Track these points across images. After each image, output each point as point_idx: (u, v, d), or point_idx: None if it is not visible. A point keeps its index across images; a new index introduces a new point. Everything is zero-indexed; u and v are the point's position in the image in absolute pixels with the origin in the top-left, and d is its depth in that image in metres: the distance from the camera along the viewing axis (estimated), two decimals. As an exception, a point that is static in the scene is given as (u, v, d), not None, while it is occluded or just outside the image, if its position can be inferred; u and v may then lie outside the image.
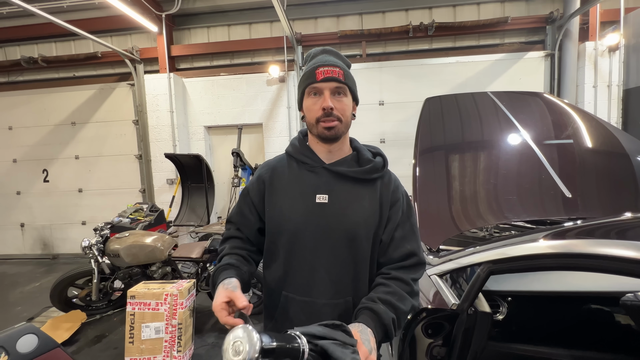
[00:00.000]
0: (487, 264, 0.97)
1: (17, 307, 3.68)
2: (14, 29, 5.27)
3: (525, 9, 4.76)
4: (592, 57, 4.38)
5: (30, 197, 5.62)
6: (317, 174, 0.92)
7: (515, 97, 2.69)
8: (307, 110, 0.91)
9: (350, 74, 0.93)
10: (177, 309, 2.37)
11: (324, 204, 0.89)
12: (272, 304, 0.94)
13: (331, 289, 0.88)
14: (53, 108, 5.39)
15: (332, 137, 0.89)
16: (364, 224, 0.89)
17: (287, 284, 0.91)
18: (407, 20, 4.84)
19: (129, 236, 2.98)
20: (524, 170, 1.98)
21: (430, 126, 2.43)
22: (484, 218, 1.73)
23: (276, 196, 0.94)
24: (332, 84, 0.87)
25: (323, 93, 0.87)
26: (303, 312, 0.88)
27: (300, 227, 0.89)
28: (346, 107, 0.89)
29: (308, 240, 0.89)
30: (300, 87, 0.94)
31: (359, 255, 0.89)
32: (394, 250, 0.91)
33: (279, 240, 0.92)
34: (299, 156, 0.96)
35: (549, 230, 1.03)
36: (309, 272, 0.89)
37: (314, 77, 0.88)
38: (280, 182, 0.95)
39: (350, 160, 0.95)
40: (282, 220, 0.91)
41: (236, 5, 4.97)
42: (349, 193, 0.91)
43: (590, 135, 2.27)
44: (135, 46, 5.10)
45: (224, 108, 5.13)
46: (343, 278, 0.88)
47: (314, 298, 0.88)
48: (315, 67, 0.89)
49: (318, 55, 0.95)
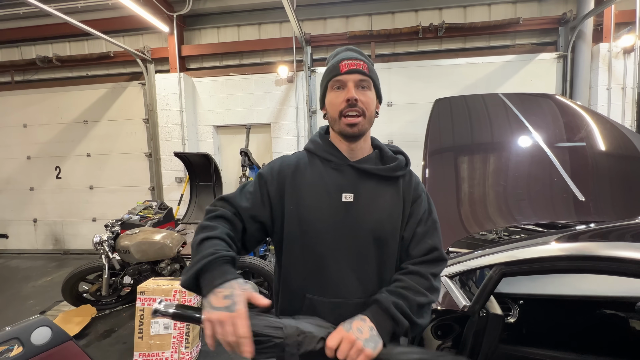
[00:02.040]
0: (500, 265, 0.96)
1: (30, 300, 3.76)
2: (29, 28, 5.40)
3: (537, 9, 4.70)
4: (606, 58, 4.30)
5: (43, 193, 5.74)
6: (342, 172, 0.89)
7: (526, 99, 2.66)
8: (330, 104, 0.88)
9: (375, 70, 0.92)
10: (186, 306, 2.40)
11: (350, 203, 0.86)
12: (292, 308, 0.88)
13: (360, 288, 0.85)
14: (66, 106, 5.51)
15: (354, 135, 0.87)
16: (389, 221, 0.87)
17: (312, 285, 0.86)
18: (417, 21, 4.82)
19: (139, 233, 3.03)
20: (535, 172, 1.96)
21: (439, 127, 2.41)
22: (494, 220, 1.72)
23: (300, 194, 0.88)
24: (356, 76, 0.85)
25: (347, 85, 0.85)
26: (333, 313, 0.83)
27: (327, 226, 0.85)
28: (370, 100, 0.87)
29: (335, 240, 0.85)
30: (322, 83, 0.92)
31: (385, 254, 0.87)
32: (415, 246, 0.89)
33: (303, 240, 0.87)
34: (322, 153, 0.92)
35: (562, 232, 1.01)
36: (337, 272, 0.85)
37: (337, 70, 0.86)
38: (304, 179, 0.90)
39: (374, 158, 0.93)
40: (307, 219, 0.86)
41: (246, 6, 5.01)
42: (374, 191, 0.89)
43: (604, 138, 2.23)
44: (146, 46, 5.18)
45: (233, 108, 5.18)
46: (371, 277, 0.86)
47: (344, 298, 0.85)
48: (339, 60, 0.87)
49: (341, 52, 0.93)
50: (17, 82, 5.75)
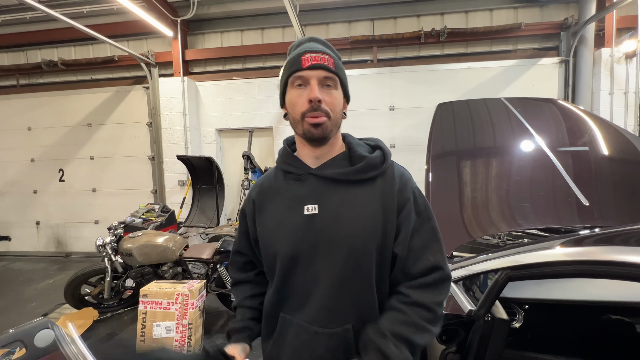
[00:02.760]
0: (505, 270, 0.96)
1: (32, 303, 3.77)
2: (35, 33, 5.46)
3: (539, 15, 4.73)
4: (608, 63, 4.31)
5: (46, 195, 5.77)
6: (303, 181, 0.80)
7: (529, 104, 2.67)
8: (291, 104, 0.77)
9: (342, 66, 0.80)
10: (188, 309, 2.40)
11: (313, 215, 0.76)
12: (268, 327, 0.85)
13: (325, 316, 0.75)
14: (70, 110, 5.55)
15: (319, 137, 0.76)
16: (362, 235, 0.74)
17: (284, 305, 0.81)
18: (419, 26, 4.85)
19: (141, 236, 3.04)
20: (538, 177, 1.96)
21: (442, 132, 2.42)
22: (497, 225, 1.72)
23: (264, 215, 0.84)
24: (320, 72, 0.74)
25: (309, 83, 0.74)
26: (298, 337, 0.78)
27: (292, 244, 0.77)
28: (336, 101, 0.76)
29: (301, 259, 0.77)
30: (282, 78, 0.79)
31: (358, 274, 0.75)
32: (413, 264, 0.76)
33: (272, 262, 0.81)
34: (283, 165, 0.85)
35: (567, 237, 1.01)
36: (302, 295, 0.78)
37: (299, 64, 0.74)
38: (268, 198, 0.84)
39: (340, 160, 0.80)
40: (271, 240, 0.81)
41: (249, 11, 5.06)
42: (341, 199, 0.77)
43: (607, 142, 2.23)
44: (150, 50, 5.23)
45: (236, 111, 5.20)
46: (340, 302, 0.75)
47: (309, 324, 0.76)
48: (300, 52, 0.75)
49: (304, 42, 0.80)
50: (22, 86, 5.80)
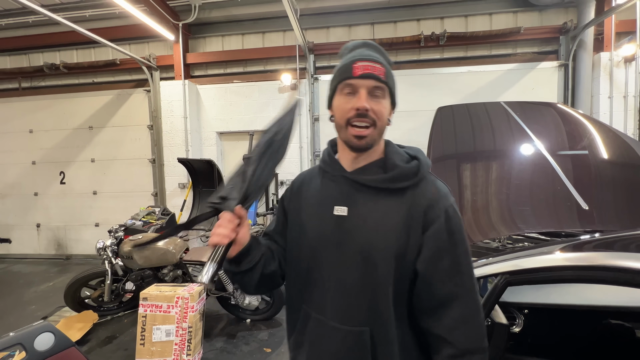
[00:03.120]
0: (505, 275, 0.97)
1: (32, 305, 3.76)
2: (38, 36, 5.50)
3: (538, 19, 4.75)
4: (607, 67, 4.33)
5: (47, 198, 5.78)
6: (338, 183, 0.82)
7: (528, 107, 2.68)
8: (338, 109, 0.78)
9: (392, 75, 0.80)
10: (188, 312, 2.40)
11: (342, 217, 0.79)
12: (292, 318, 0.89)
13: (342, 313, 0.78)
14: (72, 112, 5.58)
15: (362, 148, 0.78)
16: (381, 243, 0.75)
17: (306, 298, 0.84)
18: (419, 30, 4.88)
19: (142, 239, 3.04)
20: (538, 181, 1.96)
21: (442, 135, 2.43)
22: (498, 229, 1.72)
23: (300, 206, 0.88)
24: (370, 81, 0.74)
25: (358, 91, 0.75)
26: (316, 330, 0.81)
27: (317, 240, 0.81)
28: (384, 109, 0.77)
29: (325, 255, 0.80)
30: (332, 83, 0.81)
31: (375, 280, 0.75)
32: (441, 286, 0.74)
33: (298, 252, 0.85)
34: (322, 164, 0.89)
35: (567, 242, 1.02)
36: (322, 289, 0.80)
37: (349, 72, 0.75)
38: (305, 192, 0.89)
39: (375, 167, 0.81)
40: (300, 232, 0.85)
41: (250, 15, 5.10)
42: (370, 205, 0.78)
43: (606, 147, 2.23)
44: (152, 54, 5.26)
45: (236, 114, 5.22)
46: (356, 303, 0.77)
47: (327, 319, 0.79)
48: (352, 60, 0.76)
49: (358, 48, 0.81)
50: (24, 89, 5.83)
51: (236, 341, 2.88)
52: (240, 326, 3.13)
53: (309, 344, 0.82)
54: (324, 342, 0.79)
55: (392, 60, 0.83)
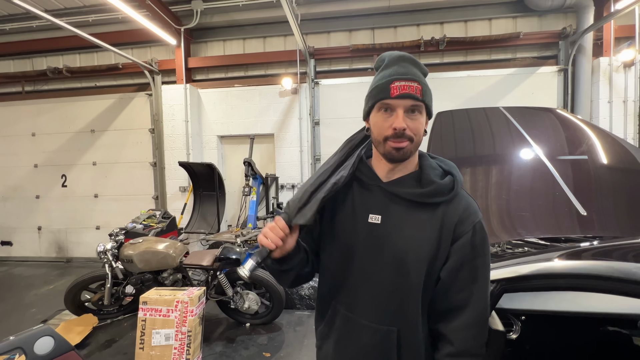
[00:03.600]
0: (500, 281, 0.97)
1: (32, 308, 3.77)
2: (42, 41, 5.56)
3: (537, 24, 4.78)
4: (606, 72, 4.34)
5: (49, 201, 5.81)
6: (372, 192, 0.87)
7: (527, 113, 2.69)
8: (375, 126, 0.82)
9: (429, 88, 0.81)
10: (187, 317, 2.40)
11: (376, 225, 0.84)
12: (322, 310, 0.96)
13: (373, 313, 0.85)
14: (74, 116, 5.62)
15: (399, 159, 0.81)
16: (414, 252, 0.80)
17: (336, 296, 0.91)
18: (419, 35, 4.91)
19: (142, 242, 3.05)
20: (537, 186, 1.97)
21: (441, 140, 2.44)
22: (496, 234, 1.72)
23: (332, 211, 0.92)
24: (407, 101, 0.77)
25: (396, 110, 0.78)
26: (345, 326, 0.88)
27: (351, 245, 0.87)
28: (420, 125, 0.80)
29: (357, 260, 0.86)
30: (369, 100, 0.83)
31: (406, 285, 0.81)
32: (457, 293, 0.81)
33: (331, 254, 0.92)
34: (358, 173, 0.90)
35: (565, 250, 1.02)
36: (353, 290, 0.87)
37: (387, 92, 0.77)
38: (339, 197, 0.91)
39: (411, 180, 0.85)
40: (335, 236, 0.90)
41: (251, 20, 5.14)
42: (403, 216, 0.83)
43: (606, 152, 2.24)
44: (154, 58, 5.31)
45: (237, 118, 5.25)
46: (386, 305, 0.83)
47: (357, 316, 0.86)
48: (390, 80, 0.78)
49: (394, 64, 0.81)
50: (27, 92, 5.88)
51: (235, 345, 2.88)
52: (239, 330, 3.13)
53: (337, 337, 0.90)
54: (351, 337, 0.86)
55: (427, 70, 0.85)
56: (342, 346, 0.89)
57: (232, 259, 2.99)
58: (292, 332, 3.08)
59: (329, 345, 0.92)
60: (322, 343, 0.96)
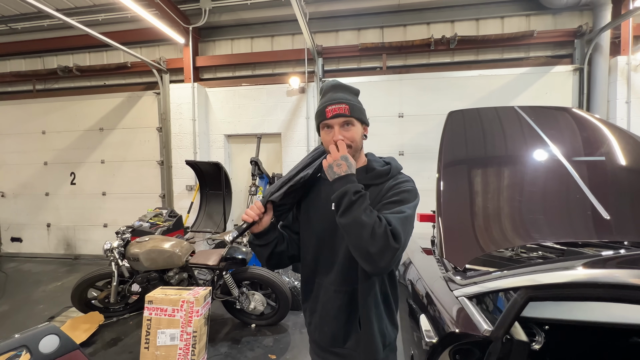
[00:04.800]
0: (526, 289, 0.90)
1: (40, 305, 3.79)
2: (52, 40, 5.62)
3: (551, 22, 4.66)
4: (624, 71, 4.20)
5: (58, 198, 5.86)
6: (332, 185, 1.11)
7: (542, 112, 2.60)
8: (323, 140, 1.12)
9: (357, 105, 1.09)
10: (193, 317, 2.37)
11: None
12: (307, 288, 1.21)
13: (341, 280, 1.10)
14: (83, 114, 5.67)
15: None
16: None
17: (317, 273, 1.16)
18: (429, 33, 4.83)
19: (148, 241, 3.04)
20: (555, 188, 1.89)
21: (454, 140, 2.37)
22: (512, 238, 1.65)
23: (306, 205, 1.20)
24: (339, 119, 1.05)
25: (333, 127, 1.06)
26: (326, 295, 1.13)
27: (321, 230, 1.13)
28: (354, 134, 1.07)
29: (327, 240, 1.12)
30: (316, 121, 1.13)
31: None
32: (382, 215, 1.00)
33: (309, 239, 1.17)
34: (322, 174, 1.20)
35: (591, 257, 0.95)
36: (328, 265, 1.13)
37: (324, 115, 1.06)
38: (310, 194, 1.21)
39: (360, 172, 1.12)
40: (309, 224, 1.17)
41: (259, 18, 5.12)
42: None
43: (626, 153, 2.14)
44: (162, 57, 5.32)
45: (244, 117, 5.23)
46: (350, 270, 1.08)
47: (331, 285, 1.12)
48: (325, 105, 1.07)
49: (328, 92, 1.11)
50: (38, 91, 5.96)
51: (241, 347, 2.84)
52: (245, 331, 3.09)
53: (321, 306, 1.14)
54: (330, 302, 1.11)
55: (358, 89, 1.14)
56: (325, 313, 1.13)
57: (239, 258, 2.95)
58: (298, 334, 3.03)
59: (316, 317, 1.16)
60: (311, 319, 1.19)
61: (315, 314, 1.16)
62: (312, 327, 1.19)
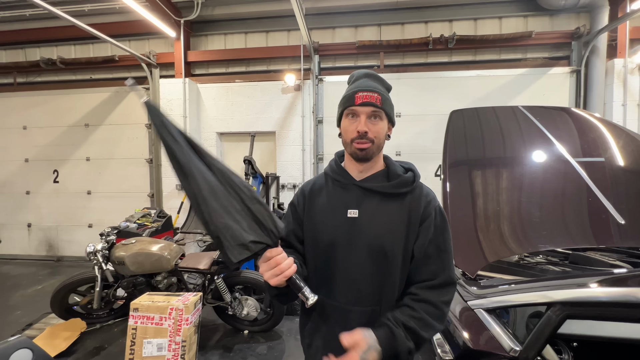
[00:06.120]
0: (562, 306, 0.80)
1: (17, 311, 3.56)
2: (35, 30, 5.34)
3: (549, 23, 4.65)
4: (620, 74, 4.21)
5: (39, 197, 5.59)
6: (349, 190, 0.99)
7: (545, 112, 2.54)
8: (344, 130, 0.98)
9: (389, 99, 0.98)
10: (182, 325, 2.22)
11: (354, 218, 0.96)
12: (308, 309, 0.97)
13: (357, 297, 0.95)
14: (68, 109, 5.41)
15: (363, 158, 0.96)
16: (390, 236, 0.93)
17: (323, 289, 0.97)
18: (427, 32, 4.76)
19: (135, 243, 2.87)
20: (567, 191, 1.81)
21: (459, 139, 2.28)
22: (526, 244, 1.56)
23: (313, 211, 1.03)
24: (369, 108, 0.93)
25: (360, 116, 0.94)
26: (333, 315, 0.97)
27: (333, 239, 0.97)
28: (380, 130, 0.95)
29: (340, 252, 0.96)
30: (340, 107, 1.00)
31: (385, 267, 0.93)
32: (423, 267, 0.94)
33: (315, 251, 1.00)
34: (333, 175, 1.04)
35: (634, 272, 0.86)
36: (339, 280, 0.96)
37: (352, 101, 0.94)
38: (318, 199, 1.04)
39: (380, 176, 1.00)
40: (317, 233, 1.00)
41: (254, 13, 4.97)
42: (377, 207, 0.96)
43: (628, 154, 2.09)
44: (152, 51, 5.11)
45: (238, 115, 5.07)
46: (369, 288, 0.94)
47: (344, 304, 0.96)
48: (355, 91, 0.95)
49: (360, 78, 1.00)
50: (19, 84, 5.67)
51: (233, 355, 2.70)
52: (237, 338, 2.95)
53: (327, 327, 0.98)
54: (340, 323, 0.94)
55: (390, 85, 1.02)
56: (333, 335, 0.92)
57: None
58: (293, 340, 2.90)
59: (319, 339, 1.01)
60: (311, 340, 1.03)
61: (318, 335, 1.01)
62: (313, 349, 1.02)
